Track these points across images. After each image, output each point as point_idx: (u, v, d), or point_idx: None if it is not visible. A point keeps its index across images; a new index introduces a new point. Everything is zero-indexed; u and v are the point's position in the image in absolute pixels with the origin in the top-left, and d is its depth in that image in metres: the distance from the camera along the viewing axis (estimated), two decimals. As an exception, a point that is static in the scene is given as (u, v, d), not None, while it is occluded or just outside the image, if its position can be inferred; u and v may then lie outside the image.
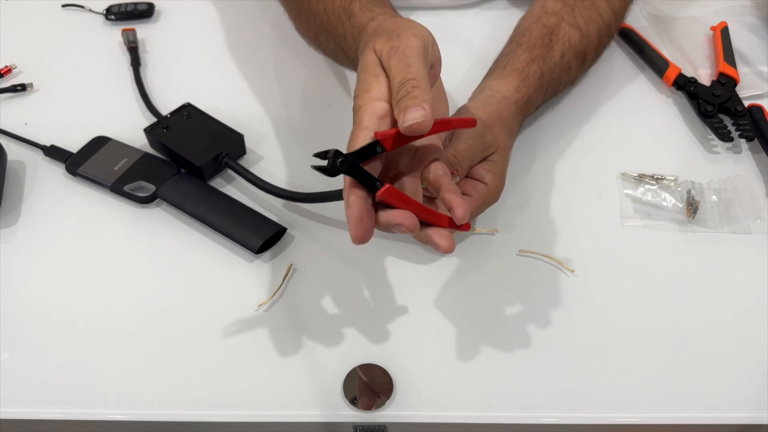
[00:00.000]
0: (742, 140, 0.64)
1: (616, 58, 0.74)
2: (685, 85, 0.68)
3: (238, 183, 0.62)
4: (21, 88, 0.70)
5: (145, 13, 0.78)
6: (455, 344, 0.51)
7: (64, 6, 0.80)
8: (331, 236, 0.58)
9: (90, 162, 0.62)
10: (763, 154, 0.63)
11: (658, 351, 0.51)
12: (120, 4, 0.78)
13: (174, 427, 0.49)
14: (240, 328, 0.52)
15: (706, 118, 0.65)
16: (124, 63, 0.73)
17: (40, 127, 0.66)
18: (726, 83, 0.67)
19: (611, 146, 0.65)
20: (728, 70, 0.69)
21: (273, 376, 0.50)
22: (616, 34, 0.72)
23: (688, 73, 0.69)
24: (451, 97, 0.68)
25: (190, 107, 0.64)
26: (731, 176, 0.61)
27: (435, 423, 0.48)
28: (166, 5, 0.80)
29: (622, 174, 0.62)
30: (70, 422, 0.48)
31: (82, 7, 0.79)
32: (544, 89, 0.62)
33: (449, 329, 0.52)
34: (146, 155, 0.63)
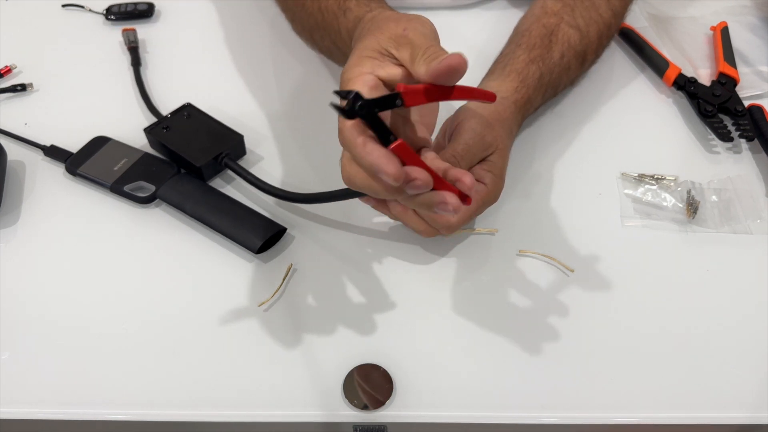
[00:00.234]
0: (742, 140, 0.64)
1: (616, 58, 0.74)
2: (685, 85, 0.68)
3: (237, 183, 0.62)
4: (21, 88, 0.70)
5: (145, 13, 0.78)
6: (455, 344, 0.51)
7: (64, 6, 0.80)
8: (331, 236, 0.58)
9: (90, 162, 0.62)
10: (763, 154, 0.63)
11: (658, 351, 0.51)
12: (120, 4, 0.78)
13: (174, 427, 0.49)
14: (240, 328, 0.52)
15: (706, 118, 0.65)
16: (124, 63, 0.73)
17: (40, 127, 0.66)
18: (726, 83, 0.67)
19: (611, 146, 0.65)
20: (728, 70, 0.69)
21: (273, 376, 0.50)
22: (616, 35, 0.72)
23: (688, 73, 0.69)
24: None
25: (190, 107, 0.64)
26: (731, 176, 0.61)
27: (435, 423, 0.48)
28: (166, 5, 0.80)
29: (622, 174, 0.62)
30: (70, 422, 0.48)
31: (82, 7, 0.79)
32: (544, 90, 0.62)
33: (449, 329, 0.52)
34: (146, 155, 0.63)
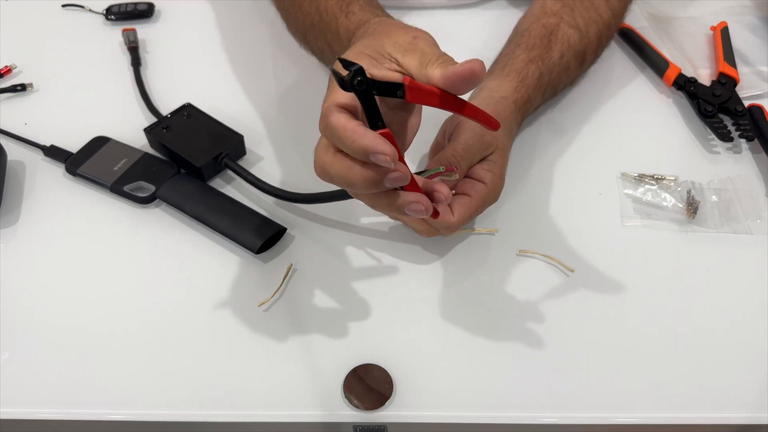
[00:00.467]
0: (742, 140, 0.64)
1: (616, 58, 0.74)
2: (685, 85, 0.68)
3: (237, 183, 0.62)
4: (21, 88, 0.70)
5: (145, 13, 0.78)
6: (455, 344, 0.51)
7: (64, 6, 0.80)
8: (331, 236, 0.58)
9: (90, 162, 0.62)
10: (763, 154, 0.63)
11: (657, 351, 0.51)
12: (120, 4, 0.78)
13: (174, 427, 0.49)
14: (240, 328, 0.52)
15: (706, 118, 0.65)
16: (124, 63, 0.73)
17: (40, 127, 0.66)
18: (726, 83, 0.67)
19: (611, 146, 0.65)
20: (728, 70, 0.69)
21: (273, 376, 0.50)
22: (615, 34, 0.72)
23: (688, 73, 0.69)
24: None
25: (190, 107, 0.64)
26: (731, 176, 0.61)
27: (435, 423, 0.48)
28: (166, 5, 0.80)
29: (622, 174, 0.62)
30: (70, 422, 0.48)
31: (82, 7, 0.79)
32: (543, 90, 0.62)
33: (449, 329, 0.52)
34: (146, 155, 0.63)
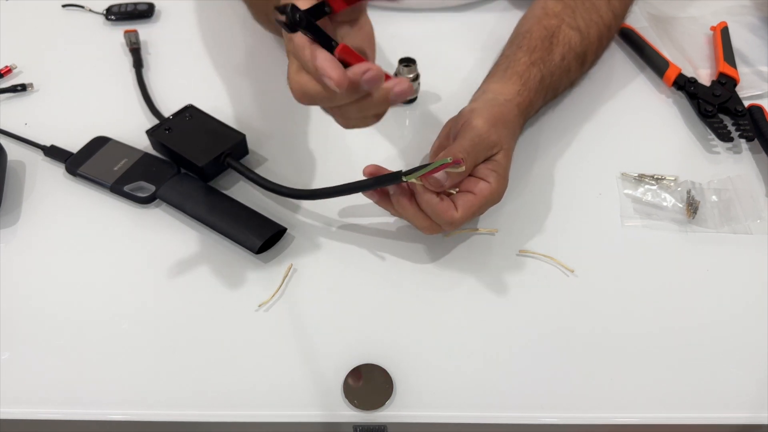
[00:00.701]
0: (742, 140, 0.64)
1: (616, 58, 0.74)
2: (685, 85, 0.68)
3: (239, 185, 0.62)
4: (21, 88, 0.70)
5: (146, 13, 0.78)
6: (455, 344, 0.51)
7: (64, 6, 0.80)
8: (331, 236, 0.58)
9: (90, 162, 0.62)
10: (763, 154, 0.63)
11: (658, 351, 0.51)
12: (120, 5, 0.78)
13: (174, 427, 0.49)
14: (240, 328, 0.52)
15: (706, 118, 0.65)
16: (124, 63, 0.73)
17: (40, 128, 0.66)
18: (726, 83, 0.67)
19: (611, 146, 0.65)
20: (728, 70, 0.69)
21: (273, 376, 0.50)
22: (616, 35, 0.72)
23: (688, 73, 0.69)
24: (452, 96, 0.68)
25: (192, 108, 0.64)
26: (731, 176, 0.61)
27: (435, 423, 0.48)
28: (166, 5, 0.80)
29: (622, 174, 0.62)
30: (70, 422, 0.48)
31: (82, 7, 0.79)
32: (544, 92, 0.62)
33: (449, 329, 0.52)
34: (146, 155, 0.63)
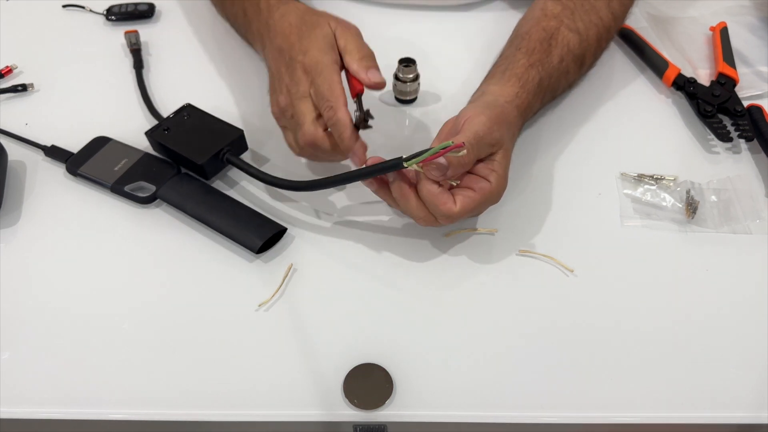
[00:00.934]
0: (742, 140, 0.64)
1: (616, 58, 0.74)
2: (684, 86, 0.68)
3: (239, 185, 0.62)
4: (22, 89, 0.70)
5: (146, 13, 0.78)
6: (455, 344, 0.51)
7: (64, 6, 0.80)
8: (331, 236, 0.58)
9: (90, 162, 0.62)
10: (763, 155, 0.63)
11: (657, 351, 0.51)
12: (120, 5, 0.78)
13: (174, 427, 0.49)
14: (240, 327, 0.52)
15: (706, 119, 0.65)
16: (125, 63, 0.73)
17: (41, 128, 0.66)
18: (725, 83, 0.67)
19: (611, 146, 0.65)
20: (727, 70, 0.69)
21: (273, 375, 0.50)
22: (615, 36, 0.72)
23: (688, 73, 0.69)
24: (452, 96, 0.69)
25: (189, 108, 0.64)
26: (731, 176, 0.61)
27: (435, 423, 0.48)
28: (167, 5, 0.80)
29: (622, 174, 0.62)
30: (70, 422, 0.49)
31: (83, 7, 0.79)
32: (542, 94, 0.62)
33: (449, 329, 0.52)
34: (146, 155, 0.63)
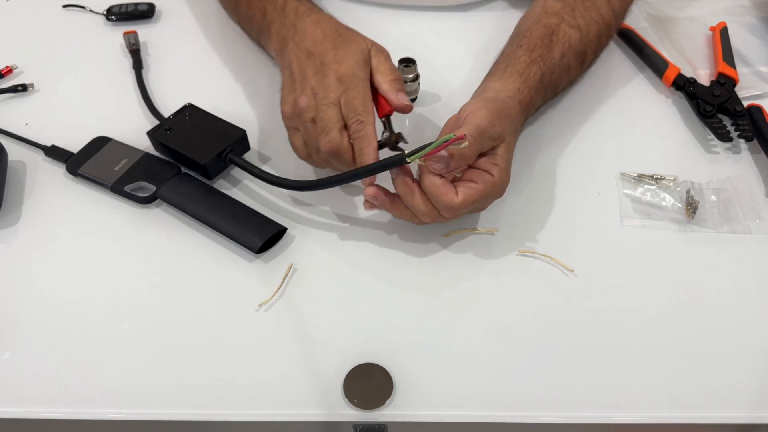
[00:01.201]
0: (741, 140, 0.64)
1: (615, 58, 0.74)
2: (684, 86, 0.68)
3: (238, 186, 0.62)
4: (22, 89, 0.70)
5: (146, 13, 0.78)
6: (455, 344, 0.51)
7: (64, 6, 0.80)
8: (331, 236, 0.58)
9: (90, 162, 0.62)
10: (762, 155, 0.63)
11: (657, 351, 0.51)
12: (121, 5, 0.78)
13: (174, 427, 0.49)
14: (240, 328, 0.52)
15: (706, 119, 0.65)
16: (125, 63, 0.73)
17: (41, 128, 0.66)
18: (725, 83, 0.67)
19: (611, 146, 0.65)
20: (727, 70, 0.69)
21: (273, 375, 0.50)
22: (615, 34, 0.72)
23: (688, 73, 0.69)
24: (452, 96, 0.69)
25: (191, 107, 0.64)
26: (730, 176, 0.61)
27: (435, 423, 0.48)
28: (167, 6, 0.80)
29: (622, 174, 0.62)
30: (70, 422, 0.49)
31: (83, 7, 0.79)
32: (544, 90, 0.62)
33: (449, 329, 0.52)
34: (147, 155, 0.63)
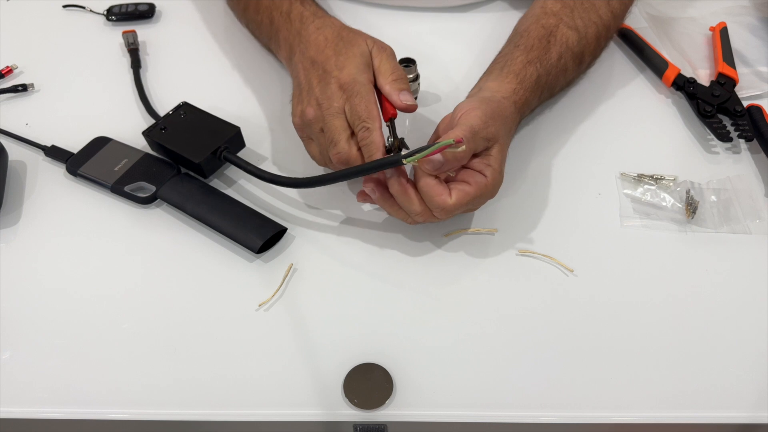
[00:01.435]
0: (741, 140, 0.64)
1: (615, 58, 0.74)
2: (684, 86, 0.68)
3: (238, 185, 0.62)
4: (22, 89, 0.70)
5: (146, 13, 0.78)
6: (455, 344, 0.51)
7: (65, 6, 0.80)
8: (331, 236, 0.58)
9: (90, 162, 0.62)
10: (762, 155, 0.63)
11: (657, 351, 0.51)
12: (121, 5, 0.78)
13: (174, 427, 0.49)
14: (240, 328, 0.52)
15: (705, 119, 0.65)
16: (125, 64, 0.73)
17: (41, 128, 0.66)
18: (725, 83, 0.67)
19: (611, 146, 0.65)
20: (727, 70, 0.69)
21: (273, 375, 0.50)
22: (615, 35, 0.72)
23: (688, 73, 0.69)
24: (452, 96, 0.69)
25: (186, 106, 0.64)
26: (730, 176, 0.61)
27: (435, 422, 0.48)
28: (167, 6, 0.80)
29: (622, 174, 0.62)
30: (70, 422, 0.49)
31: (83, 7, 0.79)
32: (540, 91, 0.62)
33: (449, 329, 0.52)
34: (147, 155, 0.63)
